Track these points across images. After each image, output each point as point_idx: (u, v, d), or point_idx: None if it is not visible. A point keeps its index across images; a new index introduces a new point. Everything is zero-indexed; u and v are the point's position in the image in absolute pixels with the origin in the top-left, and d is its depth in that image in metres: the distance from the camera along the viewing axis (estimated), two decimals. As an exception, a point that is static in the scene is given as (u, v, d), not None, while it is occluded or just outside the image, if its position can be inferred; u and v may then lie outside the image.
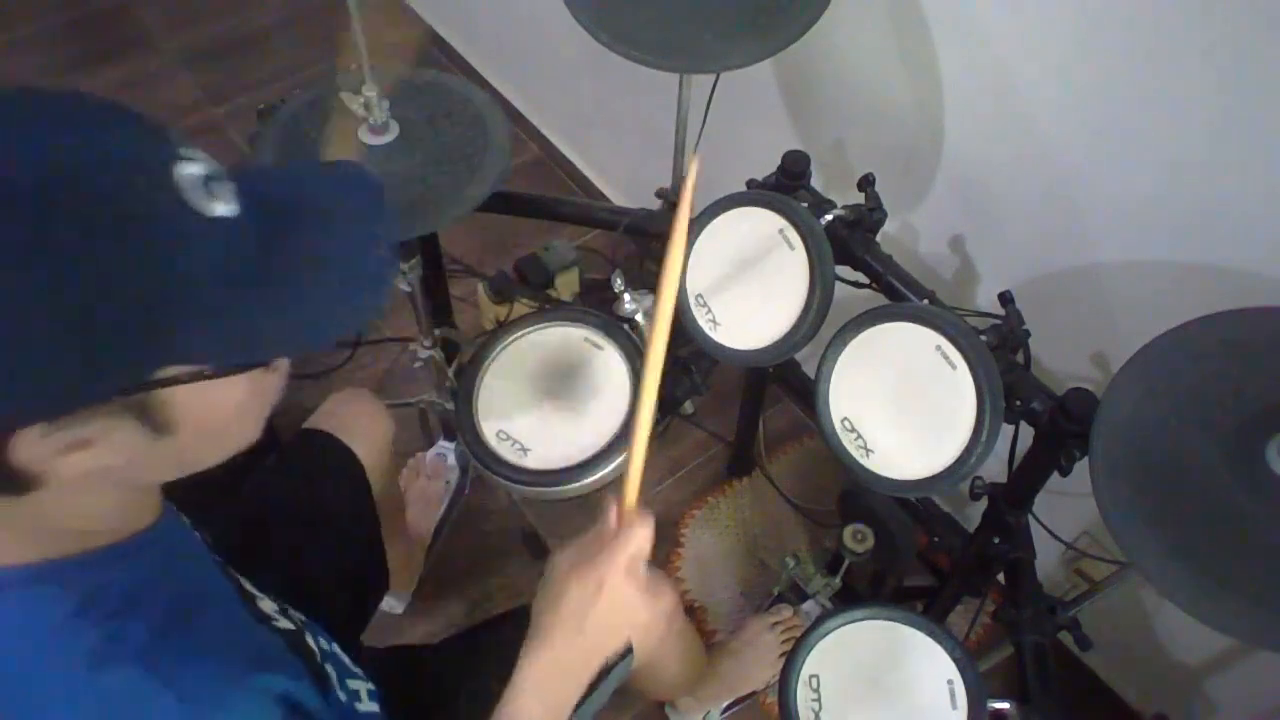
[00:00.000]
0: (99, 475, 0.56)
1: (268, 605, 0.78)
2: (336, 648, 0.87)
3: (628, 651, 1.09)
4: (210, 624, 0.67)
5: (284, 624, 0.78)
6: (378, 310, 0.63)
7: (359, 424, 1.21)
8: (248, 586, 0.79)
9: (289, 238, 0.58)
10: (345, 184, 0.66)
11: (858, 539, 1.38)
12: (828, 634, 1.09)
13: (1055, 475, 1.03)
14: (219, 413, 0.58)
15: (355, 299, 0.62)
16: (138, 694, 0.58)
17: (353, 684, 0.85)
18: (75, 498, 0.58)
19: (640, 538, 0.75)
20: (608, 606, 0.74)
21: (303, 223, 0.59)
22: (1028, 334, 1.03)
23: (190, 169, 0.53)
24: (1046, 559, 1.21)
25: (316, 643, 0.82)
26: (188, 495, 0.72)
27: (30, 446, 0.51)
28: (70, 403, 0.51)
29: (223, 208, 0.54)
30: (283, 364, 0.63)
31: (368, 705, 0.85)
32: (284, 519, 1.09)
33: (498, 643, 1.07)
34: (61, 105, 0.53)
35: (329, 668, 0.81)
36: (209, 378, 0.55)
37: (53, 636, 0.58)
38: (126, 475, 0.59)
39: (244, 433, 0.63)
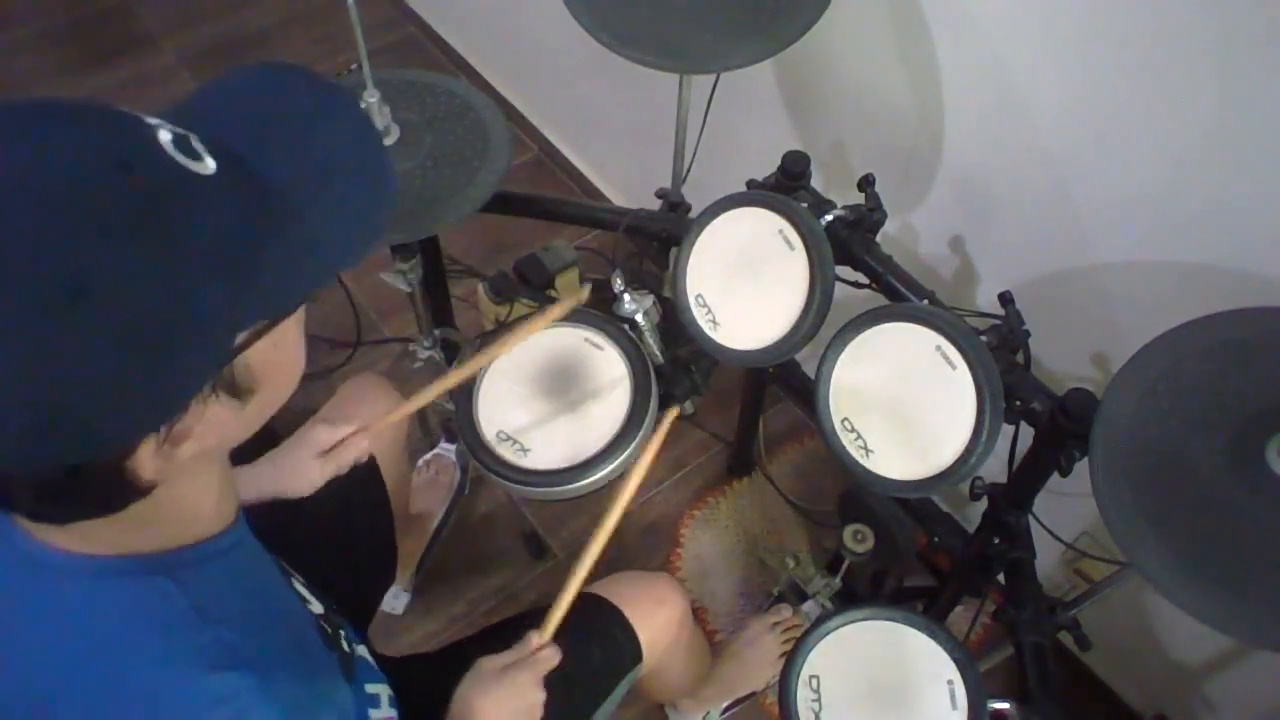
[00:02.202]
0: (199, 459, 0.57)
1: (315, 607, 0.80)
2: (362, 649, 0.88)
3: (639, 658, 1.09)
4: (307, 644, 0.71)
5: (327, 629, 0.79)
6: (391, 201, 0.62)
7: (371, 414, 1.21)
8: (298, 587, 0.80)
9: (264, 166, 0.56)
10: (289, 92, 0.62)
11: (858, 539, 1.38)
12: (828, 634, 1.09)
13: (1055, 475, 1.03)
14: (286, 357, 0.60)
15: (366, 200, 0.61)
16: (248, 701, 0.59)
17: (371, 688, 0.85)
18: (178, 488, 0.60)
19: (550, 660, 0.92)
20: (515, 704, 0.88)
21: (274, 148, 0.57)
22: (1028, 334, 1.03)
23: (165, 135, 0.51)
24: (1046, 559, 1.21)
25: (351, 646, 0.83)
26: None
27: (152, 458, 0.53)
28: (177, 403, 0.52)
29: (207, 164, 0.52)
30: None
31: (386, 711, 0.85)
32: (293, 510, 1.09)
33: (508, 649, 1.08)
34: (56, 108, 0.51)
35: (354, 669, 0.82)
36: (273, 326, 0.56)
37: (166, 630, 0.60)
38: (222, 446, 0.61)
39: (301, 366, 0.65)
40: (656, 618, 1.13)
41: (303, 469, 1.01)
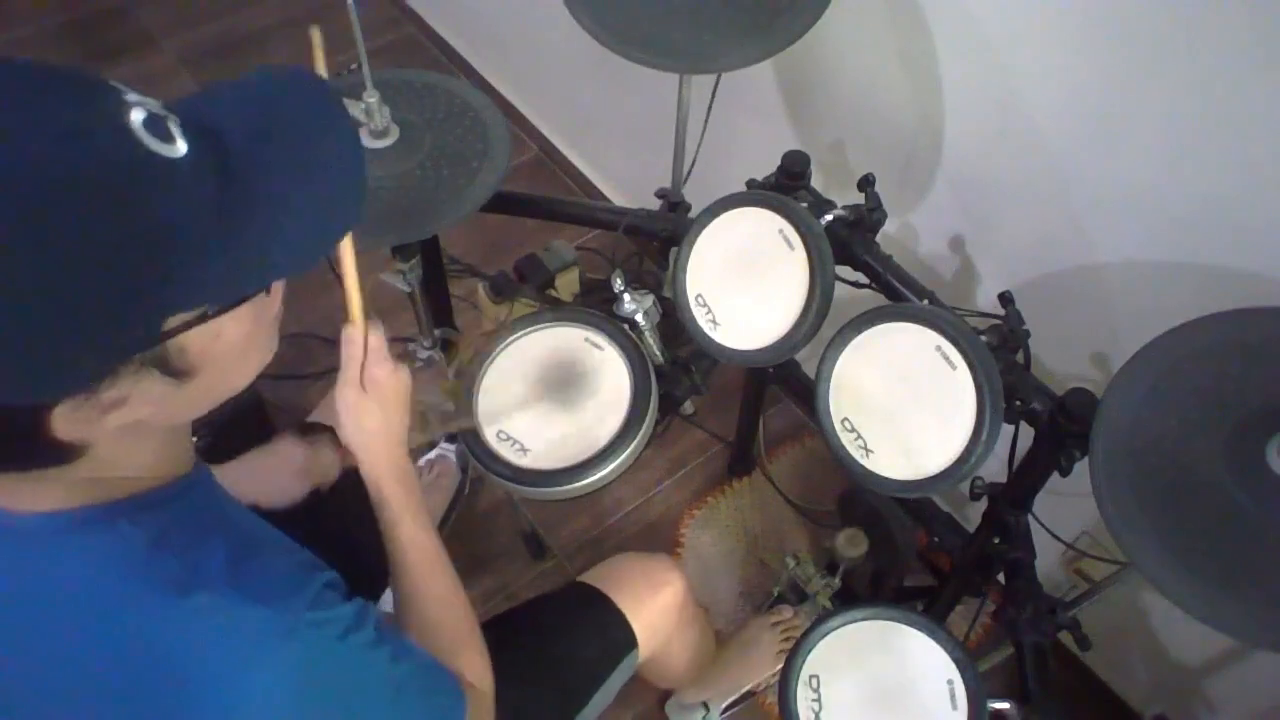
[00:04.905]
0: (138, 426, 0.58)
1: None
2: None
3: (633, 645, 1.09)
4: (284, 551, 0.72)
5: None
6: (359, 212, 0.62)
7: None
8: None
9: (246, 161, 0.57)
10: (288, 92, 0.63)
11: (852, 543, 1.38)
12: (828, 634, 1.09)
13: (1055, 475, 1.03)
14: (232, 347, 0.60)
15: (333, 205, 0.62)
16: (229, 609, 0.61)
17: None
18: (119, 450, 0.61)
19: (353, 347, 0.93)
20: (357, 423, 0.90)
21: (256, 142, 0.58)
22: (1028, 334, 1.03)
23: (139, 114, 0.52)
24: (1046, 559, 1.21)
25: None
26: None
27: (67, 421, 0.53)
28: (91, 375, 0.52)
29: (177, 147, 0.53)
30: (278, 285, 0.64)
31: None
32: (284, 514, 1.09)
33: (506, 643, 1.07)
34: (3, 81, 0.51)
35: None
36: (213, 317, 0.57)
37: (135, 569, 0.61)
38: (163, 420, 0.61)
39: (261, 356, 0.66)
40: (653, 602, 1.12)
41: (282, 485, 1.04)
